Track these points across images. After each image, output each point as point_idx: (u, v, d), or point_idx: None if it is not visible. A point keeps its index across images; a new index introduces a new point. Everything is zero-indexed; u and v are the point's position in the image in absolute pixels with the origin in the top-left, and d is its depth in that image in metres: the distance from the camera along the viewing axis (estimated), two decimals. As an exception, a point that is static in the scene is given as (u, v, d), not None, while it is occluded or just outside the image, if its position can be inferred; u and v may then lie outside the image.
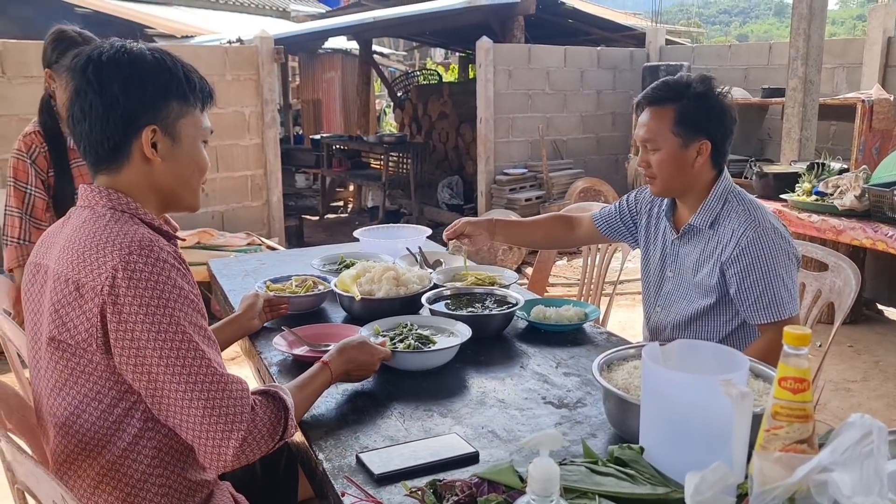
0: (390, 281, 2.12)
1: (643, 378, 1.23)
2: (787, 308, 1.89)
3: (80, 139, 1.36)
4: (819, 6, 4.90)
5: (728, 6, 79.95)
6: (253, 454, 1.28)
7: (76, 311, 1.25)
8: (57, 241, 1.36)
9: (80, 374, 1.29)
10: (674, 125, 1.94)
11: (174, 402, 1.24)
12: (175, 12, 9.95)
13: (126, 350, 1.23)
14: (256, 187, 5.97)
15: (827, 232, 3.94)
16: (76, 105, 1.33)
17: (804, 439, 1.03)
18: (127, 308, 1.22)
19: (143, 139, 1.34)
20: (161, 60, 1.35)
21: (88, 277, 1.24)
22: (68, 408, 1.31)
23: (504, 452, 1.39)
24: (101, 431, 1.31)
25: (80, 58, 1.34)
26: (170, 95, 1.36)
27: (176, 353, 1.23)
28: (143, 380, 1.24)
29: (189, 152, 1.41)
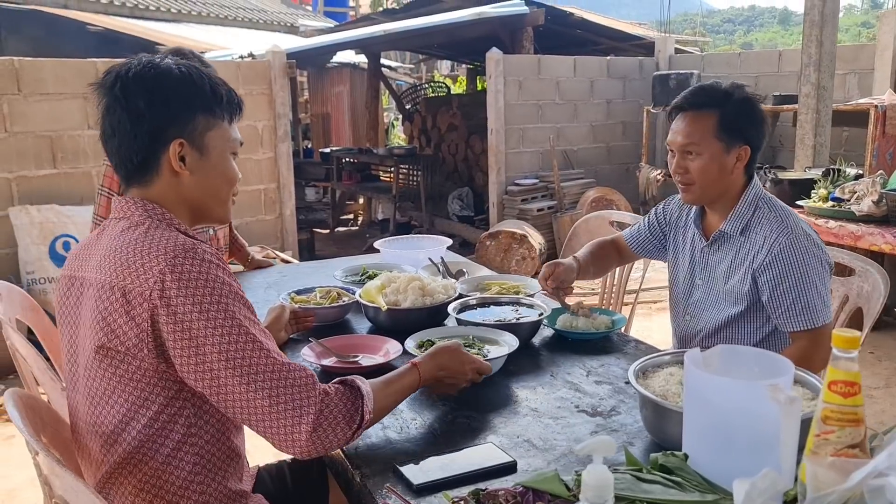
0: (416, 291, 2.11)
1: (686, 384, 1.22)
2: (820, 315, 1.87)
3: (112, 155, 1.39)
4: (831, 13, 4.90)
5: (732, 15, 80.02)
6: (329, 439, 1.28)
7: (124, 317, 1.26)
8: (93, 253, 1.37)
9: (129, 380, 1.29)
10: (718, 130, 1.93)
11: (240, 397, 1.24)
12: (186, 29, 10.03)
13: (186, 350, 1.24)
14: (270, 201, 5.98)
15: (845, 238, 3.92)
16: (106, 121, 1.36)
17: (856, 444, 1.02)
18: (181, 308, 1.23)
19: (171, 153, 1.35)
20: (187, 74, 1.37)
21: (135, 283, 1.25)
22: (116, 415, 1.31)
23: (541, 461, 1.38)
24: (147, 439, 1.31)
25: (108, 75, 1.36)
26: (195, 108, 1.37)
27: (235, 346, 1.24)
28: (206, 378, 1.25)
29: (217, 164, 1.42)
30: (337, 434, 1.29)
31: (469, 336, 1.91)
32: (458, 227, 7.78)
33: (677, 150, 2.01)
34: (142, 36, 8.50)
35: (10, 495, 3.07)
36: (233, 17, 11.79)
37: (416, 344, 1.86)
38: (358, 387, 1.37)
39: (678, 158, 2.01)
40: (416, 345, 1.85)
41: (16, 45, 8.43)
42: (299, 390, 1.27)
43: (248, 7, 12.80)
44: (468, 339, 1.89)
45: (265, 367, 1.26)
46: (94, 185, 5.00)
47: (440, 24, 7.22)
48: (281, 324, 2.02)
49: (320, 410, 1.27)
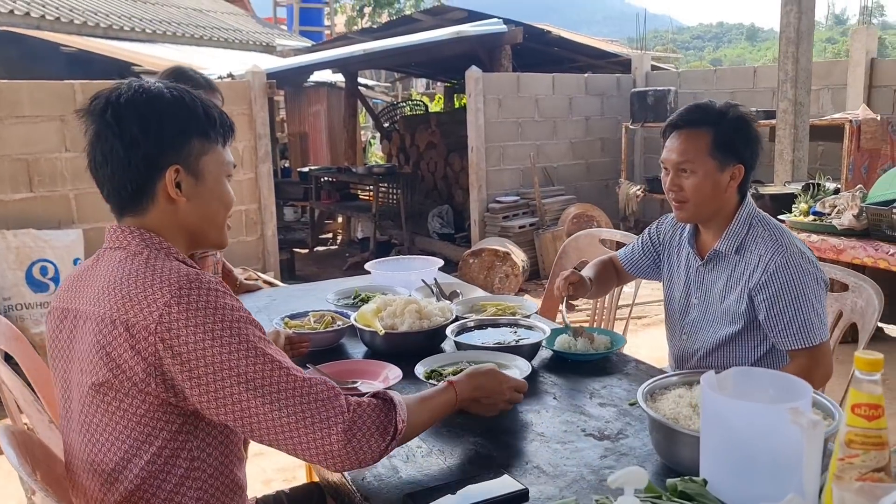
0: (413, 314, 2.09)
1: (703, 408, 1.21)
2: (817, 333, 1.88)
3: (104, 184, 1.34)
4: (806, 30, 4.99)
5: (701, 32, 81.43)
6: (363, 450, 1.25)
7: (129, 352, 1.21)
8: (89, 285, 1.32)
9: (133, 415, 1.25)
10: (713, 148, 1.93)
11: (266, 418, 1.21)
12: (161, 49, 9.95)
13: (203, 380, 1.20)
14: (251, 222, 5.93)
15: (827, 252, 3.96)
16: (97, 149, 1.31)
17: (881, 467, 1.01)
18: (192, 339, 1.19)
19: (167, 179, 1.32)
20: (180, 98, 1.34)
21: (139, 317, 1.21)
22: (117, 453, 1.27)
23: (553, 488, 1.36)
24: (150, 476, 1.27)
25: (98, 101, 1.32)
26: (190, 133, 1.34)
27: (253, 368, 1.21)
28: (228, 405, 1.21)
29: (213, 189, 1.39)
30: (371, 444, 1.26)
31: (478, 361, 1.87)
32: (439, 245, 7.76)
33: (672, 168, 2.01)
34: (116, 56, 8.41)
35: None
36: (208, 38, 11.73)
37: (425, 373, 1.81)
38: (390, 397, 1.34)
39: (672, 176, 2.01)
40: (425, 374, 1.81)
41: (-13, 67, 8.30)
42: (324, 403, 1.24)
43: (223, 27, 12.75)
44: (478, 363, 1.85)
45: (287, 384, 1.23)
46: (72, 209, 4.92)
47: (420, 42, 7.24)
48: (277, 346, 1.97)
49: (352, 420, 1.24)
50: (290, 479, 3.15)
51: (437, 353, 2.03)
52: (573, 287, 2.17)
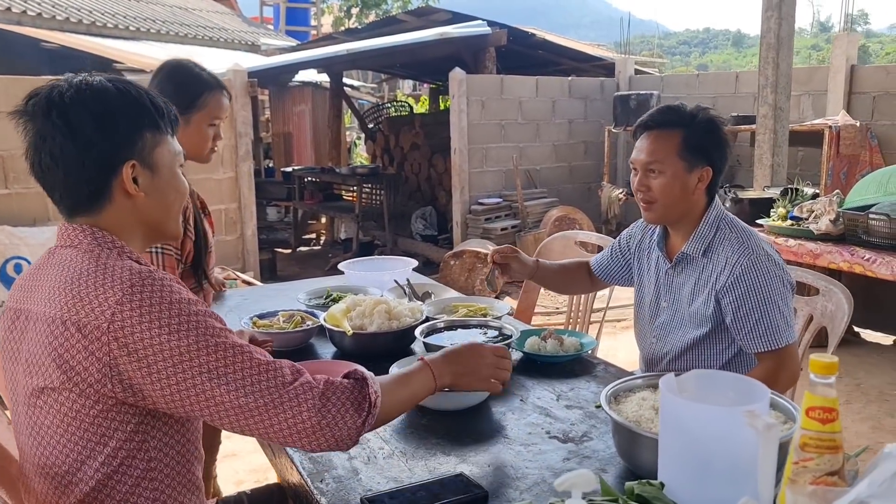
0: (382, 314, 2.07)
1: (661, 411, 1.20)
2: (783, 336, 1.87)
3: (54, 188, 1.28)
4: (786, 35, 5.01)
5: (688, 37, 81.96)
6: (339, 426, 1.21)
7: (83, 353, 1.18)
8: (40, 285, 1.28)
9: (85, 417, 1.21)
10: (681, 150, 1.93)
11: (233, 405, 1.19)
12: (144, 47, 9.87)
13: (163, 374, 1.17)
14: (231, 221, 5.89)
15: (804, 256, 3.98)
16: (43, 152, 1.25)
17: (835, 471, 1.00)
18: (147, 335, 1.16)
19: (125, 176, 1.27)
20: (126, 91, 1.29)
21: (90, 317, 1.17)
22: (69, 455, 1.24)
23: (514, 491, 1.35)
24: (105, 479, 1.24)
25: (37, 100, 1.26)
26: (142, 126, 1.29)
27: (215, 356, 1.19)
28: (192, 396, 1.18)
29: (169, 180, 1.36)
30: (346, 420, 1.22)
31: None
32: (422, 247, 7.75)
33: (640, 168, 2.00)
34: (98, 53, 8.34)
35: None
36: (192, 36, 11.66)
37: None
38: (361, 374, 1.31)
39: (641, 176, 2.01)
40: None
41: (-34, 62, 8.21)
42: (292, 384, 1.21)
43: (208, 25, 12.68)
44: None
45: (251, 369, 1.20)
46: (47, 206, 4.86)
47: (403, 43, 7.23)
48: None
49: (323, 395, 1.21)
50: (261, 479, 3.13)
51: (407, 354, 2.01)
52: (504, 258, 2.23)
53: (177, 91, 2.16)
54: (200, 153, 2.24)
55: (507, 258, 2.24)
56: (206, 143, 2.23)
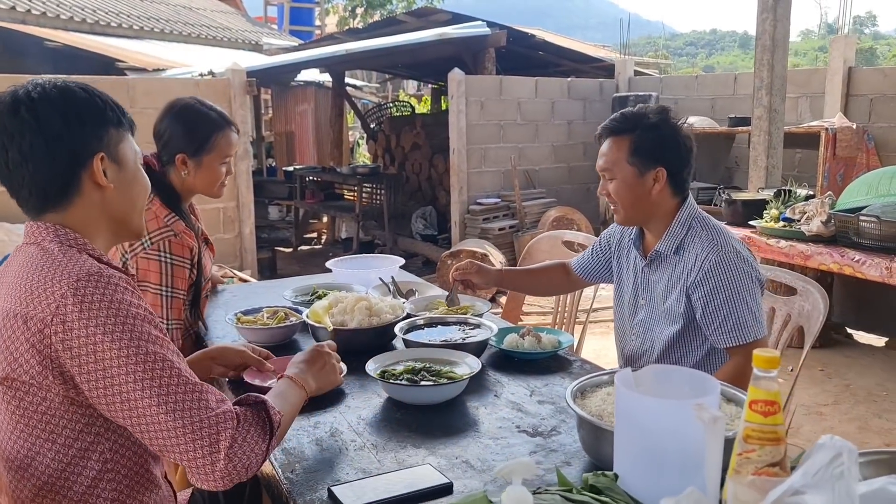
0: (363, 311, 2.10)
1: (616, 405, 1.23)
2: (752, 331, 1.90)
3: (22, 185, 1.30)
4: (781, 37, 5.03)
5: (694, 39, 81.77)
6: (244, 464, 1.22)
7: (25, 345, 1.21)
8: (3, 282, 1.32)
9: (34, 412, 1.25)
10: (629, 155, 1.99)
11: (153, 420, 1.19)
12: (147, 46, 9.94)
13: (93, 375, 1.20)
14: (229, 219, 5.94)
15: (795, 257, 4.00)
16: (12, 149, 1.27)
17: (776, 462, 1.03)
18: (84, 332, 1.18)
19: (95, 168, 1.31)
20: (88, 90, 1.34)
21: (36, 310, 1.20)
22: (22, 449, 1.27)
23: (478, 483, 1.38)
24: (56, 474, 1.27)
25: (3, 98, 1.29)
26: (107, 122, 1.34)
27: (143, 367, 1.20)
28: (117, 402, 1.20)
29: (135, 174, 1.40)
30: (254, 449, 1.24)
31: (426, 358, 1.88)
32: (422, 246, 7.78)
33: (600, 173, 2.09)
34: (102, 52, 8.40)
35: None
36: (196, 35, 11.73)
37: (378, 370, 1.81)
38: (257, 398, 1.33)
39: (602, 181, 2.10)
40: (378, 372, 1.81)
41: (-30, 61, 8.28)
42: (213, 411, 1.22)
43: (211, 25, 12.75)
44: (426, 361, 1.87)
45: (176, 386, 1.21)
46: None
47: (402, 44, 7.27)
48: (225, 359, 1.88)
49: (233, 437, 1.22)
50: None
51: (388, 350, 2.05)
52: (464, 274, 2.33)
53: (187, 135, 2.26)
54: (212, 189, 2.33)
55: (467, 274, 2.33)
56: (218, 180, 2.32)
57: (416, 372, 1.78)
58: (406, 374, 1.78)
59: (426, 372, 1.79)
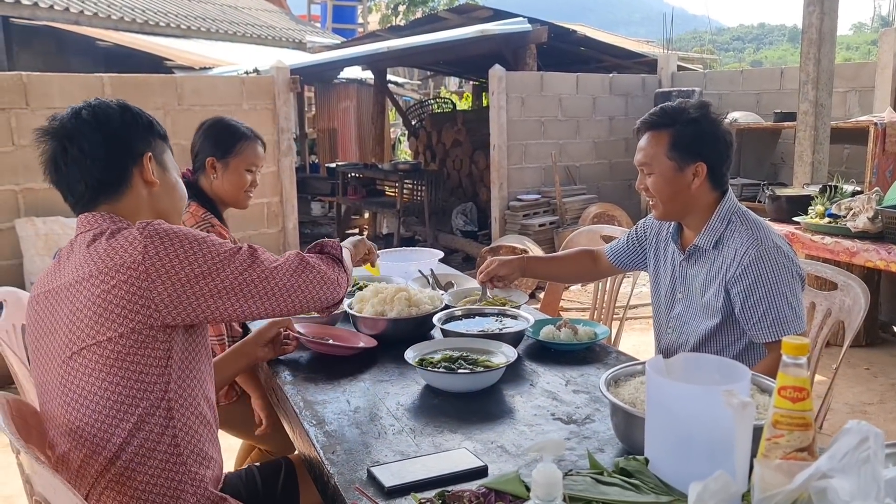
0: (402, 301, 2.15)
1: (647, 391, 1.25)
2: (791, 326, 1.90)
3: (78, 179, 1.45)
4: (828, 31, 4.94)
5: (741, 33, 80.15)
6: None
7: (122, 289, 1.33)
8: (65, 265, 1.43)
9: (122, 364, 1.35)
10: (669, 149, 1.99)
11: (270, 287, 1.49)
12: (194, 45, 10.16)
13: (181, 287, 1.37)
14: (273, 214, 6.05)
15: (840, 254, 3.94)
16: (73, 148, 1.43)
17: (804, 447, 1.05)
18: (175, 254, 1.37)
19: (145, 165, 1.49)
20: (137, 109, 1.54)
21: (123, 257, 1.34)
22: (97, 422, 1.37)
23: (512, 466, 1.41)
24: (123, 446, 1.37)
25: (63, 115, 1.47)
26: (154, 132, 1.54)
27: (233, 263, 1.44)
28: (227, 299, 1.43)
29: (177, 182, 1.59)
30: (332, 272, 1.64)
31: (463, 348, 1.93)
32: (462, 242, 7.82)
33: (638, 168, 2.09)
34: (150, 51, 8.62)
35: (7, 500, 3.11)
36: (241, 34, 11.94)
37: (416, 358, 1.86)
38: (319, 244, 1.75)
39: (640, 176, 2.10)
40: (417, 359, 1.85)
41: (26, 60, 8.57)
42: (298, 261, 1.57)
43: (256, 24, 12.96)
44: (463, 350, 1.91)
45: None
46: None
47: (443, 41, 7.31)
48: (264, 338, 2.00)
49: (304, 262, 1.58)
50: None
51: (426, 339, 2.09)
52: (488, 275, 2.34)
53: (216, 141, 2.45)
54: (238, 196, 2.48)
55: (491, 273, 2.33)
56: (243, 186, 2.47)
57: (454, 360, 1.83)
58: (444, 362, 1.82)
59: (463, 360, 1.83)
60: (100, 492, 1.38)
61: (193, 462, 1.45)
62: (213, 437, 1.53)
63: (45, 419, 1.48)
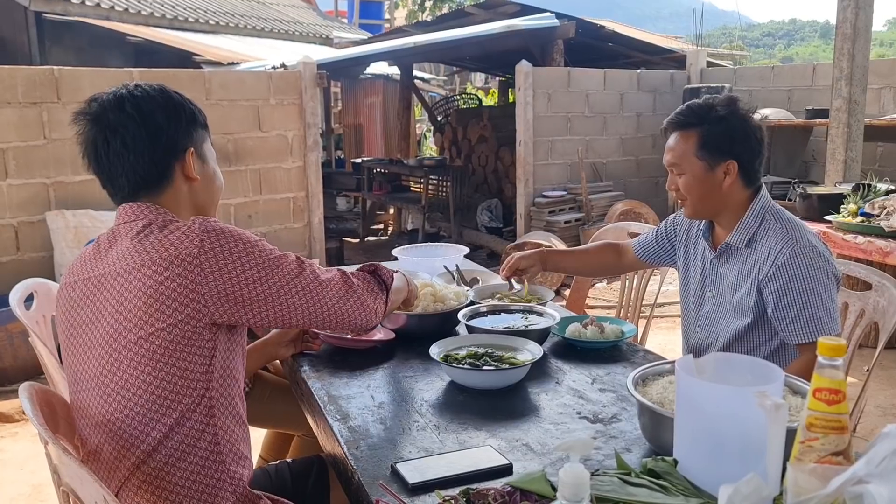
0: (428, 297, 2.14)
1: (678, 390, 1.23)
2: (825, 327, 1.86)
3: (119, 173, 1.44)
4: (863, 26, 4.84)
5: (772, 29, 79.01)
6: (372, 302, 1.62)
7: (176, 282, 1.33)
8: (107, 253, 1.42)
9: (177, 350, 1.35)
10: (698, 149, 1.95)
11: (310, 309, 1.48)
12: (223, 40, 10.23)
13: (246, 284, 1.39)
14: (298, 209, 6.07)
15: (873, 254, 3.86)
16: (116, 140, 1.42)
17: (840, 451, 1.02)
18: (230, 256, 1.37)
19: (187, 161, 1.48)
20: (179, 95, 1.51)
21: (179, 249, 1.34)
22: (136, 416, 1.36)
23: (538, 465, 1.39)
24: (170, 455, 1.37)
25: (105, 100, 1.44)
26: (197, 123, 1.52)
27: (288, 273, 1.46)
28: (271, 305, 1.43)
29: (215, 171, 1.59)
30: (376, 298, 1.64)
31: (488, 344, 1.91)
32: (487, 239, 7.80)
33: (668, 168, 2.05)
34: (179, 46, 8.69)
35: (36, 489, 3.15)
36: (269, 29, 11.99)
37: (441, 354, 1.84)
38: (372, 266, 1.74)
39: (670, 175, 2.06)
40: (441, 356, 1.83)
41: (58, 55, 8.68)
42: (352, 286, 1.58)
43: (284, 19, 13.01)
44: (488, 346, 1.90)
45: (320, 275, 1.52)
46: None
47: (470, 36, 7.28)
48: (285, 338, 2.01)
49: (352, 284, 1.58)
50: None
51: (451, 335, 2.08)
52: (511, 269, 2.33)
53: None
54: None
55: (513, 268, 2.32)
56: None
57: (479, 357, 1.81)
58: (469, 359, 1.81)
59: (488, 357, 1.81)
60: (133, 489, 1.37)
61: (232, 461, 1.44)
62: (247, 437, 1.53)
63: (76, 410, 1.48)
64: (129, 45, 9.06)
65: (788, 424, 1.09)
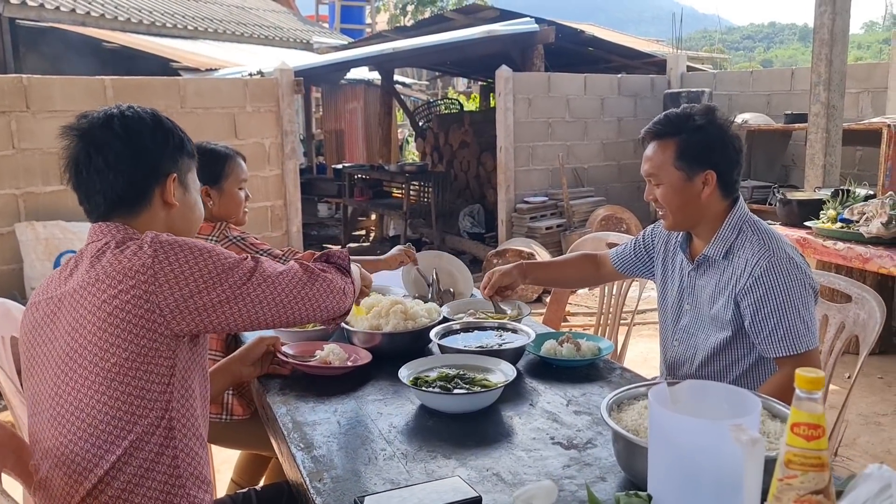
0: (398, 315, 2.08)
1: (651, 422, 1.18)
2: (803, 341, 1.81)
3: (97, 190, 1.42)
4: (840, 31, 4.83)
5: (752, 32, 79.75)
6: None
7: (130, 294, 1.30)
8: (73, 272, 1.40)
9: (134, 366, 1.30)
10: (676, 158, 1.91)
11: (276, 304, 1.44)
12: (201, 46, 10.12)
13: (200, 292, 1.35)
14: (276, 218, 5.99)
15: (853, 260, 3.84)
16: (98, 157, 1.40)
17: (820, 489, 0.97)
18: (184, 264, 1.34)
19: (168, 186, 1.46)
20: (171, 122, 1.50)
21: (133, 261, 1.31)
22: (91, 447, 1.31)
23: (508, 497, 1.33)
24: (115, 473, 1.31)
25: (95, 117, 1.43)
26: (184, 151, 1.51)
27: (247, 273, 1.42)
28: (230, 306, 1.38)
29: (196, 202, 1.56)
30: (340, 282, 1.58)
31: (460, 365, 1.84)
32: (469, 244, 7.75)
33: (645, 178, 2.01)
34: (157, 53, 8.58)
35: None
36: (248, 35, 11.89)
37: (410, 377, 1.77)
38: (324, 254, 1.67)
39: (648, 186, 2.02)
40: (411, 378, 1.77)
41: (33, 62, 8.55)
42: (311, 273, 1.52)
43: (263, 24, 12.91)
44: (459, 367, 1.83)
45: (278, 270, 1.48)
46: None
47: (450, 41, 7.23)
48: (251, 357, 1.93)
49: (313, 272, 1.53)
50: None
51: (423, 354, 2.01)
52: (492, 288, 2.24)
53: (204, 169, 2.40)
54: (238, 214, 2.48)
55: (495, 286, 2.24)
56: (240, 204, 2.48)
57: (450, 379, 1.75)
58: (439, 381, 1.74)
59: (460, 379, 1.75)
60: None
61: (192, 485, 1.38)
62: (208, 459, 1.48)
63: (31, 436, 1.42)
64: (106, 52, 8.93)
65: (767, 453, 1.04)
